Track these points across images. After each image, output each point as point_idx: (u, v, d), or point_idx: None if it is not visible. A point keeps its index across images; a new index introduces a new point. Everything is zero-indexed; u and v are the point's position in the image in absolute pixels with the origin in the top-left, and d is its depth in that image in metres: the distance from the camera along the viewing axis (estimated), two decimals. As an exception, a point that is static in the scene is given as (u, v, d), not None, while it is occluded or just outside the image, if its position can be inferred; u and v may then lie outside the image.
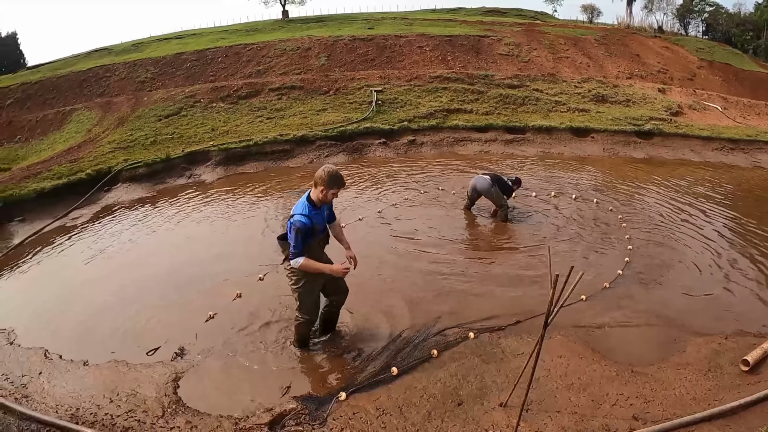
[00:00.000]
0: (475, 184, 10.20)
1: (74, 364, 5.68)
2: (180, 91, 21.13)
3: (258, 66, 24.77)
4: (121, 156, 14.81)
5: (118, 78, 24.83)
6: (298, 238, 4.99)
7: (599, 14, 60.13)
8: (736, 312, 6.78)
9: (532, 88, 22.38)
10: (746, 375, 5.32)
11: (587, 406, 4.86)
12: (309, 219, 5.04)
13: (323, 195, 5.09)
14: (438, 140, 17.25)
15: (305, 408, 4.81)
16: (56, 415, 4.78)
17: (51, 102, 23.58)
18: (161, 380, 5.32)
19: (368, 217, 10.21)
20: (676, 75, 27.59)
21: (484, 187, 10.05)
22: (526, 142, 17.51)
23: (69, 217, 11.30)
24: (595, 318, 6.54)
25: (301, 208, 5.08)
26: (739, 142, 17.88)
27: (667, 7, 54.66)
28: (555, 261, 7.35)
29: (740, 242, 9.30)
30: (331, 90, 21.16)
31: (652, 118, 19.69)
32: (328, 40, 26.98)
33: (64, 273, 8.45)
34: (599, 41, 30.14)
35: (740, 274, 7.91)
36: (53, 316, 6.91)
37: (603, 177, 13.90)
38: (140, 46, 32.31)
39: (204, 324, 6.47)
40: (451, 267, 8.02)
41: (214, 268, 8.17)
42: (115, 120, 18.85)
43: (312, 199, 5.15)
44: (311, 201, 5.15)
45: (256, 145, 15.59)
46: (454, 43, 27.51)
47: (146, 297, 7.29)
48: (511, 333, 6.15)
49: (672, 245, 9.03)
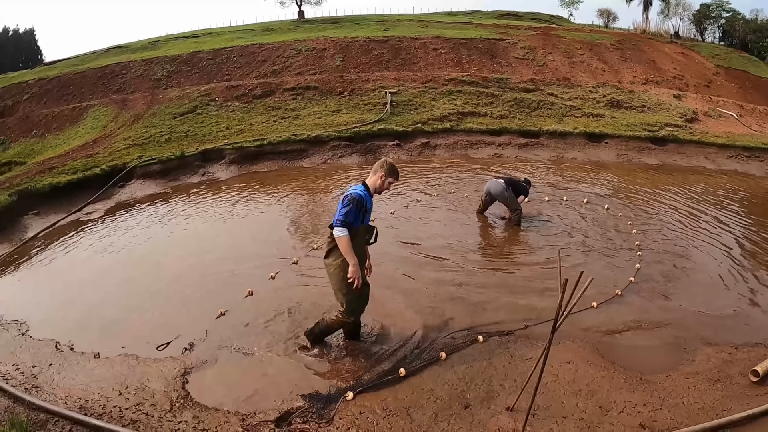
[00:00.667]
0: (489, 188, 10.16)
1: (84, 356, 5.73)
2: (195, 90, 21.27)
3: (273, 66, 24.84)
4: (135, 152, 14.94)
5: (134, 75, 24.97)
6: (352, 208, 5.07)
7: (615, 19, 59.57)
8: (747, 322, 6.73)
9: (547, 92, 22.32)
10: (755, 386, 5.25)
11: (594, 412, 4.82)
12: (365, 196, 5.17)
13: (381, 182, 5.31)
14: (452, 143, 17.28)
15: (312, 406, 4.81)
16: (65, 406, 4.81)
17: (67, 98, 23.77)
18: (170, 375, 5.34)
19: (379, 218, 10.22)
20: (691, 81, 27.36)
21: (498, 191, 9.99)
22: (539, 147, 17.49)
23: (83, 211, 11.41)
24: (605, 325, 6.50)
25: (357, 188, 5.23)
26: (755, 150, 17.79)
27: (684, 13, 54.15)
28: (565, 266, 7.34)
29: (754, 251, 9.24)
30: (345, 91, 21.23)
31: (667, 124, 19.62)
32: (343, 41, 27.01)
33: (77, 266, 8.54)
34: (615, 46, 29.96)
35: (753, 285, 7.85)
36: (65, 309, 6.98)
37: (616, 183, 13.84)
38: (157, 44, 32.49)
39: (215, 320, 6.50)
40: (461, 272, 8.00)
41: (226, 265, 8.20)
42: (131, 117, 19.01)
43: (368, 185, 5.30)
44: (366, 186, 5.29)
45: (270, 145, 15.68)
46: (470, 46, 27.46)
47: (158, 292, 7.35)
48: (520, 338, 6.13)
49: (684, 253, 8.98)
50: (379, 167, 5.31)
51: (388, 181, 5.34)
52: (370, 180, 5.32)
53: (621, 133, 18.26)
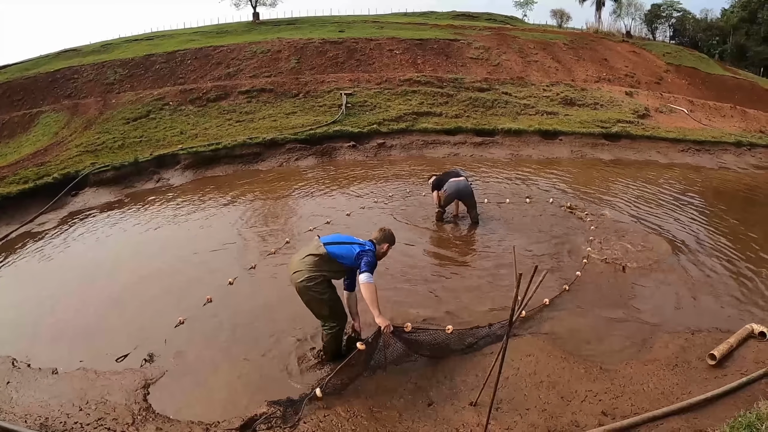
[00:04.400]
0: (459, 190, 9.69)
1: (43, 372, 5.62)
2: (149, 94, 20.94)
3: (228, 68, 24.58)
4: (88, 159, 14.64)
5: (86, 79, 24.37)
6: (374, 261, 5.26)
7: (569, 19, 60.84)
8: (701, 307, 7.01)
9: (502, 91, 22.64)
10: (713, 369, 5.46)
11: (556, 403, 4.94)
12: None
13: (386, 250, 5.70)
14: (407, 143, 17.38)
15: (276, 411, 4.80)
16: (25, 425, 4.72)
17: (18, 104, 23.09)
18: (131, 387, 5.29)
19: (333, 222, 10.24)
20: (643, 79, 28.04)
21: (468, 191, 9.70)
22: (495, 145, 17.71)
23: (35, 222, 11.15)
24: (562, 317, 6.65)
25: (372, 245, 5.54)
26: (705, 144, 18.52)
27: (636, 13, 55.55)
28: (521, 262, 7.49)
29: (705, 239, 9.61)
30: (301, 93, 21.19)
31: (619, 120, 20.14)
32: (298, 42, 26.88)
33: (30, 280, 8.34)
34: (568, 46, 30.49)
35: (705, 270, 8.18)
36: (20, 325, 6.83)
37: (570, 178, 14.10)
38: (109, 47, 31.77)
39: (174, 329, 6.44)
40: (422, 271, 8.09)
41: (184, 272, 8.14)
42: (83, 123, 18.63)
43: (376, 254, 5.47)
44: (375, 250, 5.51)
45: (225, 149, 15.56)
46: (425, 46, 27.62)
47: (115, 303, 7.23)
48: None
49: (635, 242, 9.22)
50: (384, 238, 5.64)
51: (391, 249, 5.77)
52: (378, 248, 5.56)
53: (575, 130, 18.65)
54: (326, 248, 5.27)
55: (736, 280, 7.88)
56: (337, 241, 5.44)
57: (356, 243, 5.40)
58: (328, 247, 5.29)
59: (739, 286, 7.67)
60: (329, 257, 5.23)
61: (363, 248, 5.31)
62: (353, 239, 5.50)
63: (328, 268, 5.27)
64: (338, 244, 5.38)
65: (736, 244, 9.42)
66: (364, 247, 5.34)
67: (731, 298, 7.27)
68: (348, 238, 5.53)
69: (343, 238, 5.51)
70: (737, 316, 6.75)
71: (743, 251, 9.05)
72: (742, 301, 7.19)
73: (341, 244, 5.38)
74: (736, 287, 7.62)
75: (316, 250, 5.29)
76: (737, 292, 7.47)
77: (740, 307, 7.04)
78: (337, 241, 5.44)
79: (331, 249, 5.28)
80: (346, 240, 5.46)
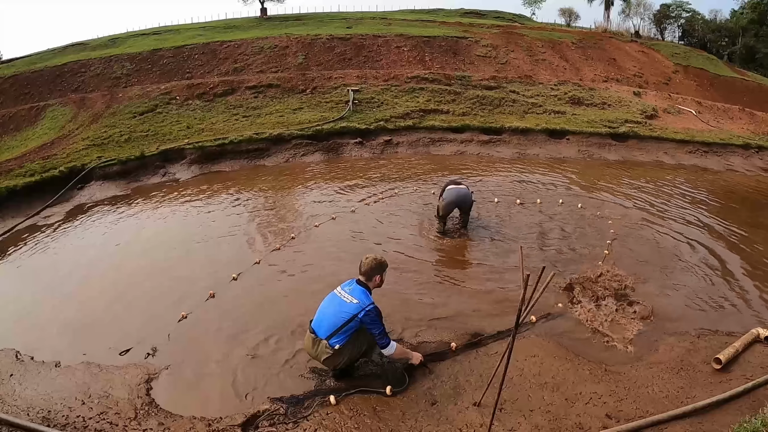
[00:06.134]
0: (458, 200, 9.22)
1: (46, 365, 5.63)
2: (156, 88, 20.92)
3: (235, 64, 24.57)
4: (95, 153, 14.65)
5: (93, 74, 24.40)
6: (377, 317, 5.07)
7: (577, 18, 60.54)
8: (707, 311, 6.96)
9: (509, 89, 22.51)
10: (718, 373, 5.41)
11: (560, 405, 4.91)
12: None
13: (380, 281, 5.37)
14: (414, 140, 17.31)
15: (279, 408, 4.80)
16: (28, 418, 4.73)
17: (25, 97, 23.13)
18: (134, 381, 5.29)
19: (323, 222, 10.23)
20: (651, 79, 27.91)
21: (468, 200, 9.28)
22: (502, 144, 17.62)
23: (41, 215, 11.17)
24: (568, 319, 6.62)
25: (366, 296, 5.16)
26: (713, 146, 18.36)
27: (644, 13, 55.28)
28: (528, 263, 7.46)
29: (714, 241, 9.52)
30: (308, 89, 21.13)
31: (627, 120, 19.99)
32: (306, 38, 26.83)
33: (35, 273, 8.36)
34: (576, 45, 30.35)
35: (710, 273, 8.11)
36: (24, 317, 6.85)
37: (577, 178, 14.03)
38: (117, 41, 31.78)
39: (177, 324, 6.45)
40: (425, 271, 8.07)
41: (188, 267, 8.16)
42: (90, 116, 18.62)
43: (368, 287, 5.27)
44: (369, 290, 5.26)
45: (231, 144, 15.53)
46: (432, 44, 27.53)
47: (119, 296, 7.24)
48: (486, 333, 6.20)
49: (646, 245, 9.18)
50: (380, 270, 5.29)
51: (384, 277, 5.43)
52: (371, 284, 5.28)
53: (582, 130, 18.51)
54: (330, 343, 4.99)
55: (742, 283, 7.82)
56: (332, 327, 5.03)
57: (346, 311, 5.02)
58: (331, 341, 4.99)
59: (745, 290, 7.61)
60: (342, 347, 5.00)
61: (359, 309, 5.00)
62: (342, 304, 5.10)
63: (349, 352, 5.09)
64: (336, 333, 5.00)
65: (742, 247, 9.37)
66: (360, 307, 5.00)
67: (737, 302, 7.22)
68: (337, 305, 5.13)
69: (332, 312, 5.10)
70: (743, 320, 6.69)
71: (750, 255, 9.00)
72: (748, 305, 7.14)
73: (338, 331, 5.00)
74: (741, 291, 7.56)
75: (326, 349, 5.01)
76: (743, 295, 7.41)
77: (746, 311, 6.99)
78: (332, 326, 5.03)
79: (334, 341, 5.00)
80: (338, 312, 5.06)
